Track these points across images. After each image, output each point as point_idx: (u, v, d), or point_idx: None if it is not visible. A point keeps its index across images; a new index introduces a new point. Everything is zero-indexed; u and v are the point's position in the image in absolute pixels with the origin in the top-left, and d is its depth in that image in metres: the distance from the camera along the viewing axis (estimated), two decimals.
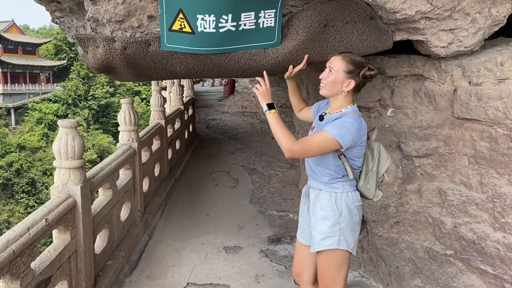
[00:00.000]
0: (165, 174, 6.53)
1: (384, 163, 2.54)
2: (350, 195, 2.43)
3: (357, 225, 2.48)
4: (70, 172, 3.14)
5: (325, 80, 2.46)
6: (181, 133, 8.09)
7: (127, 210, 4.55)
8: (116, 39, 2.48)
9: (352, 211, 2.42)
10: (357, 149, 2.37)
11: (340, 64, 2.38)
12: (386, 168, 2.54)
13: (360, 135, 2.31)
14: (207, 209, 5.72)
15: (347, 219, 2.39)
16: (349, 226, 2.40)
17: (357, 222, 2.49)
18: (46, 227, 2.69)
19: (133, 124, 4.77)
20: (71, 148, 3.10)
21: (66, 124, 3.12)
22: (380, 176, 2.54)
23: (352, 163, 2.40)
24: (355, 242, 2.46)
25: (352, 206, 2.42)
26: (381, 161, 2.54)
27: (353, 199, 2.44)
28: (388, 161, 2.55)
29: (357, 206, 2.48)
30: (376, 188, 2.52)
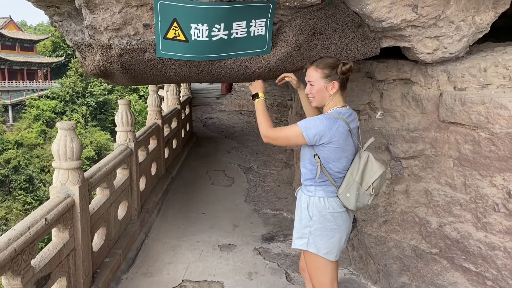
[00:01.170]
0: (162, 173, 6.64)
1: (372, 175, 2.38)
2: (322, 201, 2.40)
3: (332, 231, 2.40)
4: (68, 172, 3.25)
5: (311, 93, 2.47)
6: (178, 132, 8.20)
7: (124, 209, 4.66)
8: (113, 46, 2.59)
9: (325, 217, 2.39)
10: (328, 150, 2.32)
11: (316, 74, 2.40)
12: (373, 180, 2.37)
13: (328, 133, 2.27)
14: (203, 208, 5.84)
15: (318, 224, 2.39)
16: (319, 231, 2.39)
17: (332, 229, 2.40)
18: (46, 226, 2.81)
19: (130, 124, 4.88)
20: (70, 149, 3.21)
21: (65, 126, 3.22)
22: (367, 188, 2.38)
23: (327, 166, 2.37)
24: (329, 248, 2.40)
25: (324, 212, 2.39)
26: (367, 172, 2.39)
27: (325, 205, 2.39)
28: (376, 174, 2.38)
29: (332, 213, 2.40)
30: (359, 201, 2.37)
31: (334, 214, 2.41)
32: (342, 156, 2.37)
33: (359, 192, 2.37)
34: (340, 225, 2.44)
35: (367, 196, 2.41)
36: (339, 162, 2.38)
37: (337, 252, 2.46)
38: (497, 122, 2.88)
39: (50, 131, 46.56)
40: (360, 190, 2.37)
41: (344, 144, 2.35)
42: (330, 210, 2.40)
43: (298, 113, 5.78)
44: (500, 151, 2.89)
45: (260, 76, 2.86)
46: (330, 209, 2.40)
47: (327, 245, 2.41)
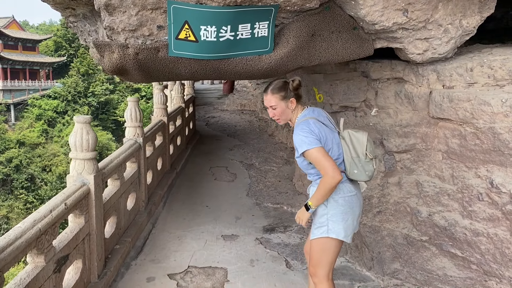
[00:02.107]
0: (167, 168, 6.90)
1: (361, 145, 2.63)
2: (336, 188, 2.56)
3: (346, 214, 2.61)
4: (84, 162, 3.50)
5: (276, 116, 2.72)
6: (182, 129, 8.45)
7: (132, 200, 4.92)
8: (129, 46, 2.84)
9: (338, 201, 2.60)
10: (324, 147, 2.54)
11: (274, 99, 2.67)
12: (364, 148, 2.62)
13: (312, 135, 2.52)
14: (207, 201, 6.09)
15: (333, 210, 2.60)
16: (335, 216, 2.59)
17: (346, 212, 2.61)
18: (65, 210, 3.06)
19: (138, 120, 5.13)
20: (86, 141, 3.46)
21: (81, 119, 3.47)
22: (365, 157, 2.62)
23: None
24: (346, 230, 2.61)
25: (336, 197, 2.60)
26: (356, 145, 2.65)
27: (336, 191, 2.58)
28: (363, 141, 2.63)
29: (344, 197, 2.62)
30: (366, 170, 2.62)
31: (346, 198, 2.63)
32: (332, 144, 2.63)
33: (362, 164, 2.62)
34: (353, 207, 2.65)
35: (369, 164, 2.65)
36: (333, 150, 2.63)
37: (352, 234, 2.69)
38: (481, 118, 3.13)
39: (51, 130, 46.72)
40: (361, 162, 2.62)
41: (326, 134, 2.62)
42: (341, 194, 2.62)
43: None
44: (484, 144, 3.14)
45: (263, 74, 3.12)
46: (341, 194, 2.62)
47: (344, 228, 2.61)
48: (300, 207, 5.56)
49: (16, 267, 15.58)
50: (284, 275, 4.08)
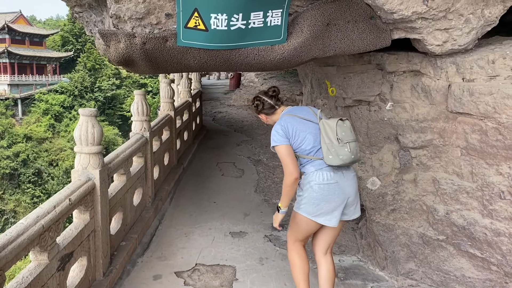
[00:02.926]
0: (174, 163, 6.79)
1: (332, 131, 2.79)
2: (312, 174, 2.83)
3: (319, 200, 2.79)
4: (89, 157, 3.39)
5: (265, 122, 3.19)
6: (189, 124, 8.34)
7: (139, 196, 4.81)
8: (136, 35, 2.72)
9: (313, 187, 2.80)
10: (293, 139, 2.85)
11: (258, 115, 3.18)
12: (335, 133, 2.77)
13: (282, 133, 2.84)
14: (214, 197, 5.98)
15: (308, 193, 2.83)
16: (308, 199, 2.83)
17: (319, 198, 2.79)
18: (70, 206, 2.95)
19: (145, 114, 5.02)
20: (91, 135, 3.35)
21: (87, 112, 3.36)
22: (338, 142, 2.76)
23: (300, 149, 2.86)
24: (318, 212, 2.81)
25: (313, 183, 2.81)
26: (329, 131, 2.80)
27: (311, 178, 2.82)
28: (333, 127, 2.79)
29: (319, 184, 2.79)
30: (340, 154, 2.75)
31: (321, 186, 2.79)
32: (305, 135, 2.85)
33: (335, 149, 2.75)
34: (326, 195, 2.79)
35: (343, 148, 2.76)
36: (307, 140, 2.84)
37: (328, 218, 2.82)
38: (504, 112, 2.98)
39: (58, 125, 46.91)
40: (335, 147, 2.76)
41: (298, 126, 2.86)
42: (317, 181, 2.80)
43: (308, 105, 5.88)
44: (507, 140, 2.99)
45: (275, 65, 2.98)
46: (318, 181, 2.80)
47: (315, 210, 2.82)
48: None
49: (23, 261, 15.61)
50: None
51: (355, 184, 2.94)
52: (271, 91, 3.08)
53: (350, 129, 2.87)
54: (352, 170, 2.96)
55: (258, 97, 3.10)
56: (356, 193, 2.94)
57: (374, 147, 4.12)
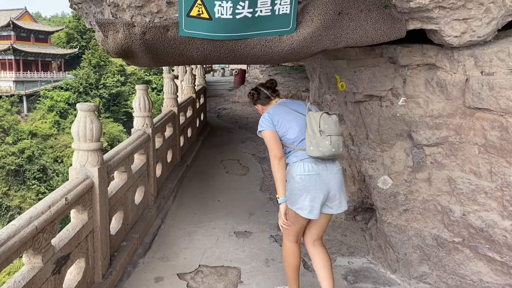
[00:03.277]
0: (177, 160, 6.64)
1: (316, 123, 2.85)
2: (294, 165, 2.90)
3: (301, 191, 2.83)
4: (88, 154, 3.24)
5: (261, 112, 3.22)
6: (192, 121, 8.18)
7: (141, 194, 4.66)
8: (136, 24, 2.55)
9: (295, 178, 2.85)
10: (279, 127, 2.96)
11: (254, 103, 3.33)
12: (319, 126, 2.83)
13: (269, 119, 2.97)
14: (218, 196, 5.82)
15: (291, 184, 2.88)
16: (292, 190, 2.87)
17: (301, 189, 2.83)
18: (66, 206, 2.80)
19: (148, 110, 4.86)
20: (89, 130, 3.20)
21: (85, 107, 3.20)
22: (320, 134, 2.82)
23: (285, 138, 2.95)
24: (300, 205, 2.84)
25: (295, 174, 2.87)
26: (313, 123, 2.86)
27: (295, 169, 2.88)
28: (317, 119, 2.85)
29: (301, 175, 2.84)
30: (320, 146, 2.80)
31: (302, 176, 2.84)
32: (291, 124, 2.94)
33: (316, 141, 2.80)
34: (307, 186, 2.82)
35: (324, 140, 2.80)
36: (292, 129, 2.93)
37: (309, 210, 2.84)
38: None
39: (63, 121, 47.01)
40: (316, 138, 2.81)
41: (285, 116, 2.97)
42: (299, 172, 2.85)
43: (315, 101, 5.70)
44: None
45: (283, 57, 2.80)
46: (299, 172, 2.85)
47: (298, 202, 2.85)
48: None
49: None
50: (302, 277, 3.78)
51: (339, 178, 2.95)
52: (269, 83, 3.26)
53: (335, 123, 2.91)
54: (337, 165, 2.97)
55: (255, 88, 3.28)
56: (340, 188, 2.95)
57: (386, 144, 3.93)
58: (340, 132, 2.92)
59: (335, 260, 4.08)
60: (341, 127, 4.55)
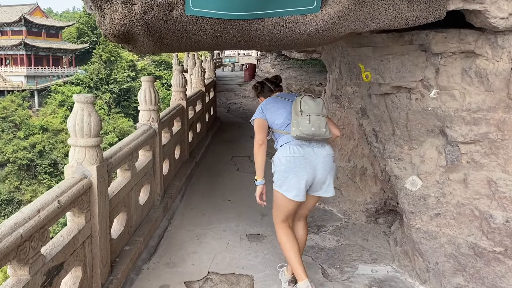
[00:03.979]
0: (186, 157, 6.31)
1: (297, 105, 3.00)
2: (280, 149, 3.06)
3: (287, 172, 2.95)
4: (85, 151, 2.91)
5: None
6: (202, 115, 7.85)
7: (146, 193, 4.34)
8: (136, 2, 2.21)
9: (281, 160, 3.00)
10: (269, 113, 3.16)
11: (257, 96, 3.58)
12: (299, 107, 2.97)
13: (260, 109, 3.21)
14: (229, 195, 5.49)
15: (277, 166, 3.03)
16: (278, 172, 3.01)
17: (287, 170, 2.95)
18: (59, 209, 2.48)
19: (154, 103, 4.53)
20: (87, 125, 2.87)
21: (82, 99, 2.88)
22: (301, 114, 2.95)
23: (273, 123, 3.14)
24: (286, 186, 2.96)
25: (280, 155, 3.02)
26: (295, 106, 3.01)
27: (280, 152, 3.04)
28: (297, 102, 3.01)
29: (286, 156, 2.97)
30: (300, 125, 2.92)
31: (287, 158, 2.95)
32: (280, 111, 3.11)
33: (297, 121, 2.92)
34: (292, 167, 2.93)
35: (304, 120, 2.91)
36: (280, 115, 3.10)
37: (295, 192, 2.93)
38: None
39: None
40: (298, 119, 2.93)
41: (275, 104, 3.17)
42: (284, 154, 2.98)
43: (333, 94, 5.33)
44: None
45: (305, 40, 2.43)
46: (284, 153, 2.98)
47: (286, 184, 2.95)
48: (333, 204, 4.89)
49: None
50: (321, 287, 3.44)
51: (328, 163, 3.00)
52: (274, 78, 3.53)
53: (318, 105, 3.01)
54: (326, 149, 3.03)
55: (260, 81, 3.51)
56: (328, 172, 3.01)
57: (414, 142, 3.55)
58: (322, 113, 2.99)
59: (357, 268, 3.73)
60: (364, 121, 4.19)
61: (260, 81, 3.51)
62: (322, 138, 2.96)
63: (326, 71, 15.94)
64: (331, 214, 4.91)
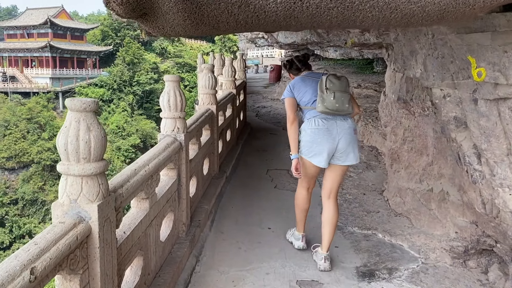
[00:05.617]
0: (215, 171, 5.36)
1: (322, 84, 3.31)
2: (307, 122, 3.44)
3: (311, 142, 3.36)
4: (81, 182, 1.97)
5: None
6: (232, 121, 6.89)
7: (169, 225, 3.40)
8: None
9: (306, 131, 3.40)
10: (297, 92, 3.52)
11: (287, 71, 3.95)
12: (324, 85, 3.28)
13: (289, 89, 3.58)
14: (268, 220, 4.49)
15: (303, 137, 3.42)
16: (304, 142, 3.41)
17: (311, 141, 3.36)
18: (31, 284, 1.53)
19: (180, 109, 3.59)
20: (84, 143, 1.93)
21: (78, 106, 1.94)
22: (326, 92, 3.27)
23: (301, 101, 3.51)
24: (311, 153, 3.38)
25: (306, 127, 3.42)
26: (321, 85, 3.32)
27: (306, 125, 3.43)
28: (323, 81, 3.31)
29: (311, 128, 3.36)
30: (325, 102, 3.27)
31: (312, 130, 3.36)
32: (306, 89, 3.49)
33: (323, 97, 3.29)
34: (316, 138, 3.34)
35: (329, 97, 3.27)
36: (306, 94, 3.48)
37: (319, 159, 3.37)
38: None
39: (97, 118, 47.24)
40: (323, 96, 3.29)
41: (303, 83, 3.54)
42: (309, 127, 3.39)
43: (401, 98, 4.28)
44: None
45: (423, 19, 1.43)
46: (310, 126, 3.39)
47: (311, 152, 3.39)
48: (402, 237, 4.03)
49: None
50: None
51: (349, 135, 3.34)
52: (302, 56, 3.80)
53: (342, 82, 3.32)
54: (348, 122, 3.37)
55: (290, 59, 3.84)
56: (349, 143, 3.34)
57: None
58: (346, 90, 3.32)
59: None
60: (459, 134, 3.15)
61: (289, 60, 3.85)
62: (345, 113, 3.31)
63: (362, 72, 14.72)
64: (402, 251, 3.85)
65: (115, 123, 46.53)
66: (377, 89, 10.53)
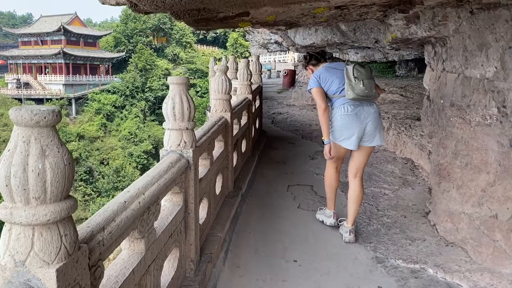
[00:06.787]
0: (229, 189, 4.65)
1: (350, 73, 3.63)
2: (336, 109, 3.77)
3: (341, 127, 3.73)
4: (33, 235, 1.29)
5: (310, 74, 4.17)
6: (247, 130, 6.19)
7: (173, 264, 2.71)
8: None
9: (336, 118, 3.76)
10: (324, 82, 3.81)
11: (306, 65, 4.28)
12: (351, 74, 3.62)
13: (315, 79, 3.84)
14: (293, 250, 3.77)
15: (334, 122, 3.78)
16: (335, 127, 3.77)
17: (341, 126, 3.72)
18: None
19: (187, 118, 2.91)
20: (35, 176, 1.25)
21: (26, 118, 1.26)
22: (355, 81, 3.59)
23: (329, 90, 3.80)
24: (342, 137, 3.75)
25: (336, 115, 3.76)
26: (349, 73, 3.64)
27: (338, 110, 3.75)
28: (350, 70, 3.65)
29: (341, 115, 3.71)
30: (355, 89, 3.58)
31: (342, 116, 3.71)
32: (333, 79, 3.77)
33: (352, 85, 3.59)
34: (346, 123, 3.69)
35: (358, 84, 3.57)
36: (333, 83, 3.77)
37: (348, 142, 3.72)
38: None
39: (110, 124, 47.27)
40: (352, 84, 3.59)
41: (328, 74, 3.81)
42: (339, 113, 3.73)
43: (455, 104, 3.53)
44: None
45: None
46: (340, 112, 3.73)
47: (341, 136, 3.74)
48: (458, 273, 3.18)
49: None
50: None
51: (376, 119, 3.69)
52: (320, 51, 4.64)
53: (367, 70, 3.66)
54: (374, 107, 3.72)
55: (308, 52, 4.26)
56: (376, 126, 3.69)
57: None
58: (371, 77, 3.65)
59: None
60: None
61: (308, 53, 4.22)
62: (372, 98, 3.65)
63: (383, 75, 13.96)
64: None
65: (128, 129, 46.38)
66: (402, 93, 9.77)
